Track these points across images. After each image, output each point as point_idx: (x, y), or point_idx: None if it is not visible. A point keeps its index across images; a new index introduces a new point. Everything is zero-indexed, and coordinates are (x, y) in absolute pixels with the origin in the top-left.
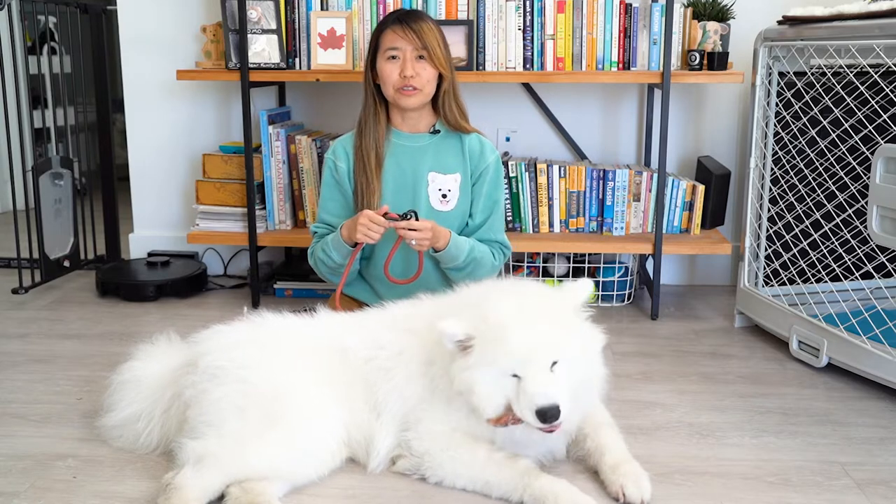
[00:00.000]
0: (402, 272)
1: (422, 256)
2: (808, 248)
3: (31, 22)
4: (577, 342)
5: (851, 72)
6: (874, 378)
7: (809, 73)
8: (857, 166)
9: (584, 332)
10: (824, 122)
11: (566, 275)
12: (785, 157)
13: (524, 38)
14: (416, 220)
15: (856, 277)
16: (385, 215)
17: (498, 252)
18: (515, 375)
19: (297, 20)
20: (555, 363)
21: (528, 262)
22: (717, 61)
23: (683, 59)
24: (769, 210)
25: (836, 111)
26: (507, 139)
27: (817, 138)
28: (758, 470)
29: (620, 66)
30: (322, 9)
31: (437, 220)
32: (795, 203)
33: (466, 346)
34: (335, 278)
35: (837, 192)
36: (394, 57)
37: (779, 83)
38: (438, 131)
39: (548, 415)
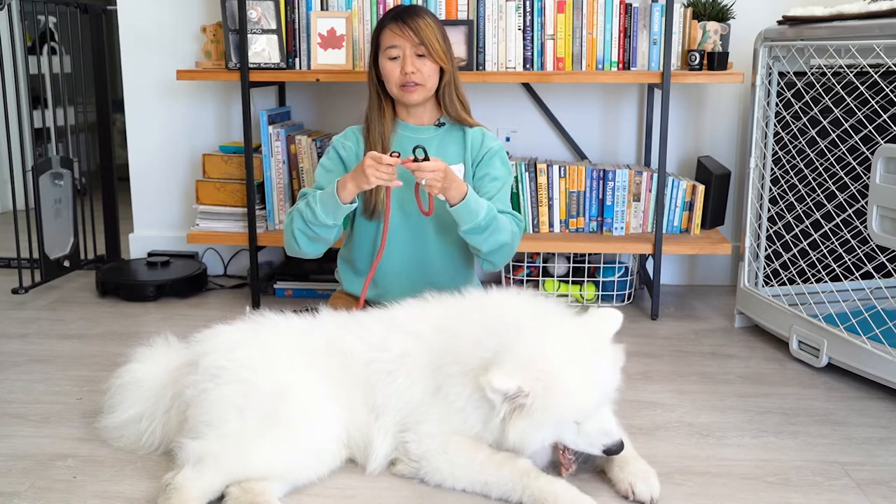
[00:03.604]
0: (406, 264)
1: (432, 200)
2: (808, 248)
3: (31, 22)
4: (618, 375)
5: (851, 72)
6: (874, 378)
7: (809, 73)
8: (857, 166)
9: (618, 360)
10: (824, 122)
11: (566, 275)
12: (785, 157)
13: (524, 38)
14: (427, 158)
15: (856, 277)
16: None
17: (513, 220)
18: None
19: (297, 20)
20: None
21: (528, 262)
22: (717, 61)
23: (683, 59)
24: (769, 210)
25: (836, 111)
26: (508, 139)
27: (817, 138)
28: (758, 470)
29: (620, 66)
30: (322, 9)
31: (442, 207)
32: (795, 203)
33: (516, 399)
34: (304, 241)
35: (837, 192)
36: (394, 56)
37: (779, 83)
38: (443, 124)
39: (615, 451)
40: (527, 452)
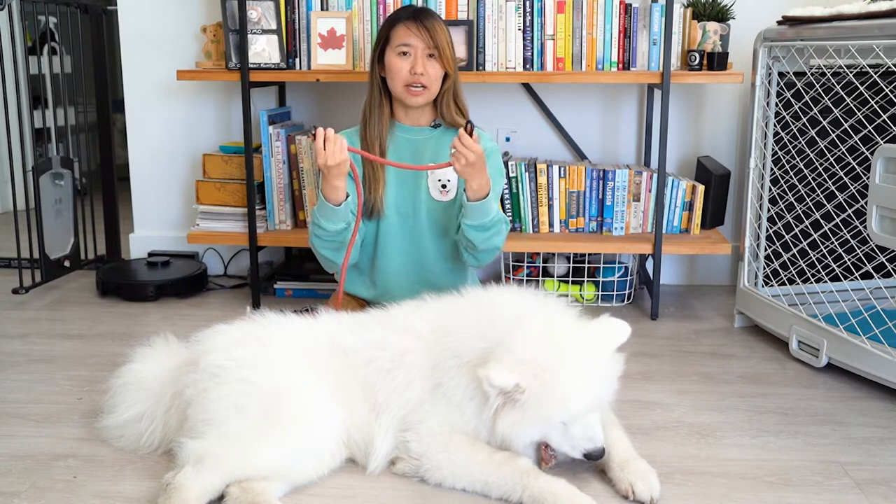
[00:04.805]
0: (403, 264)
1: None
2: (807, 248)
3: (32, 22)
4: (615, 384)
5: (851, 72)
6: (874, 378)
7: (809, 74)
8: (856, 166)
9: (617, 369)
10: (824, 123)
11: (566, 275)
12: (785, 157)
13: (524, 38)
14: (470, 135)
15: (856, 277)
16: None
17: (504, 223)
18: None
19: (297, 20)
20: None
21: (528, 262)
22: (716, 61)
23: (683, 59)
24: (769, 210)
25: (835, 111)
26: (508, 139)
27: (817, 138)
28: (758, 470)
29: (620, 66)
30: (322, 9)
31: (437, 209)
32: (795, 203)
33: (511, 394)
34: (333, 255)
35: (837, 192)
36: (405, 53)
37: (778, 83)
38: (439, 125)
39: (595, 457)
40: (514, 447)
